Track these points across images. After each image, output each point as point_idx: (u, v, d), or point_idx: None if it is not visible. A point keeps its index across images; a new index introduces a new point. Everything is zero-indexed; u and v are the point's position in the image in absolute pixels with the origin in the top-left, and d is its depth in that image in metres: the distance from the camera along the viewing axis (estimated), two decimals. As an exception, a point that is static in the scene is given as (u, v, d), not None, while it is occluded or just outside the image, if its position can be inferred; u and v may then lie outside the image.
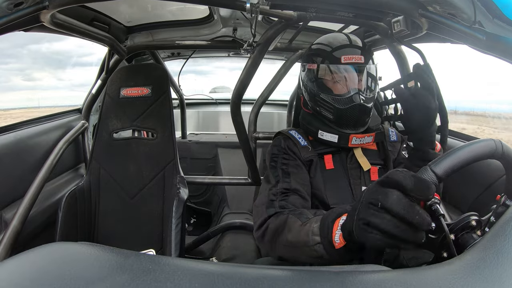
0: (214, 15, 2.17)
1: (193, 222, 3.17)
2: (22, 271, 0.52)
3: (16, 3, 1.14)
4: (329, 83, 1.48)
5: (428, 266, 0.59)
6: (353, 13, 1.43)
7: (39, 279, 0.49)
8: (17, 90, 7.71)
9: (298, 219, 1.13)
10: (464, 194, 1.71)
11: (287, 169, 1.45)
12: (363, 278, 0.56)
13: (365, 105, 1.43)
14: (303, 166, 1.48)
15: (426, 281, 0.54)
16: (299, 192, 1.37)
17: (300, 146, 1.52)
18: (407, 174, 0.74)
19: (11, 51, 6.60)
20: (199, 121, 4.37)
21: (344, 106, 1.43)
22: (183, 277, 0.51)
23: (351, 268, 0.65)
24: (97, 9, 1.94)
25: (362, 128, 1.50)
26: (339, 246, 0.90)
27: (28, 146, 1.95)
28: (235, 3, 1.36)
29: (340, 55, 1.42)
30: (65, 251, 0.58)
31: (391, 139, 1.60)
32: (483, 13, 1.08)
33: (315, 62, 1.50)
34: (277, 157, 1.51)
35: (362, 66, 1.43)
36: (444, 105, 1.56)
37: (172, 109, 2.21)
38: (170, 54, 3.42)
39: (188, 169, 3.43)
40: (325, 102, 1.48)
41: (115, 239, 2.10)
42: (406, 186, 0.72)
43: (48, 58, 8.16)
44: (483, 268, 0.55)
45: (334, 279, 0.56)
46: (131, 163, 2.16)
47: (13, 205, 1.77)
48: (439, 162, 0.82)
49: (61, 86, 7.75)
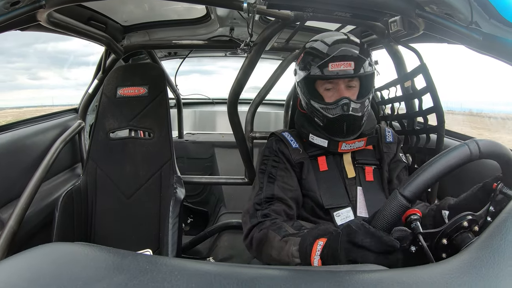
0: (211, 15, 2.17)
1: (190, 222, 3.17)
2: (19, 271, 0.52)
3: (12, 2, 1.14)
4: (319, 89, 1.47)
5: (425, 265, 0.60)
6: (350, 13, 1.43)
7: (36, 279, 0.49)
8: (22, 88, 7.72)
9: (277, 234, 1.18)
10: (460, 193, 1.71)
11: (276, 173, 1.46)
12: (360, 277, 0.56)
13: (353, 115, 1.39)
14: (292, 170, 1.49)
15: (422, 280, 0.54)
16: (282, 199, 1.39)
17: (291, 148, 1.52)
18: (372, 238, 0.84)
19: (17, 50, 6.61)
20: (196, 120, 4.37)
21: (331, 114, 1.41)
22: (180, 277, 0.51)
23: (348, 268, 0.65)
24: (94, 9, 1.94)
25: (353, 136, 1.47)
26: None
27: (24, 146, 1.94)
28: (232, 3, 1.36)
29: (329, 62, 1.37)
30: (62, 252, 0.58)
31: (387, 140, 1.59)
32: (479, 13, 1.09)
33: (305, 68, 1.47)
34: (268, 160, 1.52)
35: (351, 73, 1.38)
36: (440, 105, 1.57)
37: (168, 109, 2.21)
38: (167, 54, 3.42)
39: (185, 169, 3.42)
40: (315, 109, 1.46)
41: (112, 239, 2.09)
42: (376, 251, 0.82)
43: (53, 57, 8.17)
44: (480, 267, 0.55)
45: (331, 279, 0.56)
46: (127, 163, 2.16)
47: (10, 205, 1.76)
48: (407, 186, 0.85)
49: (67, 85, 7.75)
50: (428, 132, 1.70)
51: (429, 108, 1.65)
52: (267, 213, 1.32)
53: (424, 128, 1.72)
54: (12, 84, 7.07)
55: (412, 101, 1.86)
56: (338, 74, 1.37)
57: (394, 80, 1.93)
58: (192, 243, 2.87)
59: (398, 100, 1.93)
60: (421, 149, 1.74)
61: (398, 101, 1.94)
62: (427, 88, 1.62)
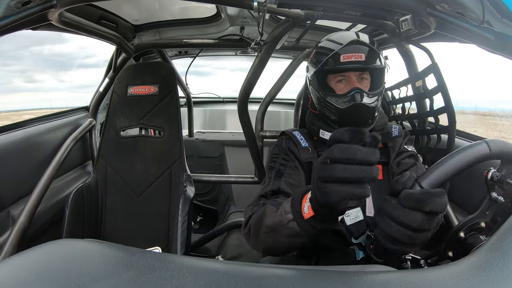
0: (222, 14, 2.17)
1: (199, 220, 3.17)
2: (29, 267, 0.52)
3: (24, 1, 1.15)
4: (331, 82, 1.47)
5: (433, 267, 0.59)
6: (360, 11, 1.42)
7: (45, 275, 0.49)
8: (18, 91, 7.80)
9: (274, 207, 1.14)
10: (470, 194, 1.69)
11: (284, 170, 1.45)
12: (368, 278, 0.55)
13: (365, 105, 1.38)
14: (301, 168, 1.48)
15: (431, 282, 0.54)
16: (288, 194, 1.36)
17: (300, 147, 1.52)
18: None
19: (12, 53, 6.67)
20: (206, 119, 4.37)
21: (344, 106, 1.41)
22: (188, 275, 0.51)
23: (356, 268, 0.65)
24: (104, 8, 1.95)
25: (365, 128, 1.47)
26: (307, 216, 0.92)
27: (36, 143, 1.96)
28: (243, 2, 1.36)
29: (340, 54, 1.39)
30: (72, 248, 0.59)
31: (393, 135, 1.57)
32: (491, 12, 1.07)
33: (317, 62, 1.48)
34: (277, 158, 1.52)
35: (362, 65, 1.39)
36: (451, 105, 1.55)
37: (179, 108, 2.22)
38: (178, 53, 3.43)
39: (195, 167, 3.43)
40: (327, 102, 1.46)
41: (121, 236, 2.11)
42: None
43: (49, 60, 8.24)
44: (489, 270, 0.55)
45: (339, 279, 0.56)
46: (138, 161, 2.17)
47: (21, 201, 1.79)
48: (426, 177, 0.83)
49: (62, 87, 7.82)
50: (439, 132, 1.69)
51: (440, 108, 1.63)
52: (270, 202, 1.30)
53: (435, 128, 1.70)
54: (8, 87, 7.13)
55: (423, 101, 1.84)
56: (349, 65, 1.39)
57: (405, 80, 1.92)
58: (201, 241, 2.88)
59: (409, 100, 1.91)
60: (431, 150, 1.73)
61: (409, 100, 1.92)
62: (438, 88, 1.60)
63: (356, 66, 1.39)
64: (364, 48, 1.40)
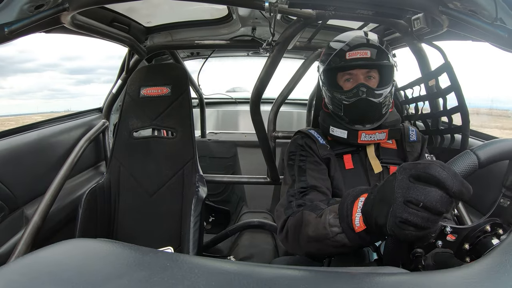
0: (233, 15, 2.17)
1: (211, 220, 3.18)
2: (42, 266, 0.53)
3: (37, 5, 1.16)
4: (339, 81, 1.49)
5: (446, 269, 0.59)
6: (372, 10, 1.42)
7: (58, 274, 0.50)
8: None
9: (313, 212, 1.13)
10: (484, 196, 1.67)
11: (304, 166, 1.45)
12: (380, 280, 0.55)
13: (370, 100, 1.39)
14: (322, 162, 1.48)
15: (443, 284, 0.53)
16: (317, 188, 1.37)
17: (318, 144, 1.52)
18: (449, 172, 0.70)
19: None
20: (219, 120, 4.38)
21: (349, 100, 1.42)
22: (200, 275, 0.51)
23: (368, 270, 0.65)
24: (116, 10, 1.97)
25: (370, 124, 1.46)
26: (359, 229, 0.90)
27: (50, 144, 1.99)
28: (254, 2, 1.36)
29: (346, 52, 1.42)
30: (84, 247, 0.60)
31: (411, 139, 1.56)
32: (504, 9, 1.06)
33: (325, 61, 1.50)
34: (295, 155, 1.52)
35: (368, 61, 1.40)
36: (465, 104, 1.54)
37: (191, 108, 2.23)
38: (190, 54, 3.44)
39: (207, 168, 3.44)
40: (335, 99, 1.47)
41: (133, 236, 2.12)
42: (450, 189, 0.69)
43: None
44: (502, 273, 0.54)
45: (351, 281, 0.55)
46: (150, 162, 2.19)
47: (35, 201, 1.81)
48: (484, 147, 0.77)
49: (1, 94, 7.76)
50: (452, 132, 1.67)
51: (453, 107, 1.61)
52: (301, 202, 1.30)
53: (448, 128, 1.68)
54: None
55: (436, 100, 1.82)
56: (355, 62, 1.40)
57: (418, 79, 1.90)
58: (213, 241, 2.88)
59: (422, 99, 1.89)
60: (445, 150, 1.71)
61: (422, 100, 1.90)
62: (451, 87, 1.58)
63: (361, 63, 1.40)
64: (370, 46, 1.42)
